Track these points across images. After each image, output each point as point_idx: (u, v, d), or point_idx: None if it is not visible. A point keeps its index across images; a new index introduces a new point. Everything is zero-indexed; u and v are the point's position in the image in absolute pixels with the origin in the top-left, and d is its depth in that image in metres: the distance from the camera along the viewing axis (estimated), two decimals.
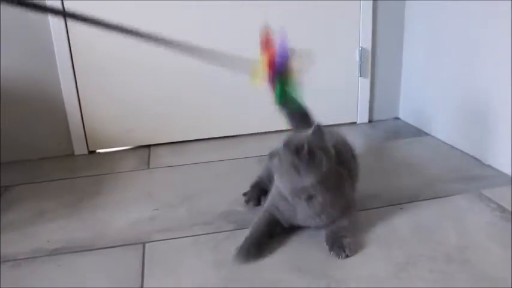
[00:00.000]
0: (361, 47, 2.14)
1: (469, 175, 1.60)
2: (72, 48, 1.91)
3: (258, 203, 1.43)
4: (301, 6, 2.04)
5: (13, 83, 1.90)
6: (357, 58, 2.15)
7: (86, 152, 2.04)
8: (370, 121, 2.26)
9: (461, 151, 1.81)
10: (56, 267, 1.20)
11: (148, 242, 1.29)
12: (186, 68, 2.01)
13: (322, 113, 2.08)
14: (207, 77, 2.04)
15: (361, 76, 2.18)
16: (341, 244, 1.16)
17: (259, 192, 1.46)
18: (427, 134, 2.04)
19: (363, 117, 2.25)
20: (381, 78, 2.22)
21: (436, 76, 1.96)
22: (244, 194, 1.47)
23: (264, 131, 2.13)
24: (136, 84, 2.01)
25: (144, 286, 1.09)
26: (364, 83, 2.20)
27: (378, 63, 2.19)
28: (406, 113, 2.25)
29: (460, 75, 1.80)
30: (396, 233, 1.27)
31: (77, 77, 1.94)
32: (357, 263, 1.13)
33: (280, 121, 1.47)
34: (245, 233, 1.26)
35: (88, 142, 2.03)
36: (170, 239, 1.30)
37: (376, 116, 2.27)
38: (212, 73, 2.03)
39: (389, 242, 1.22)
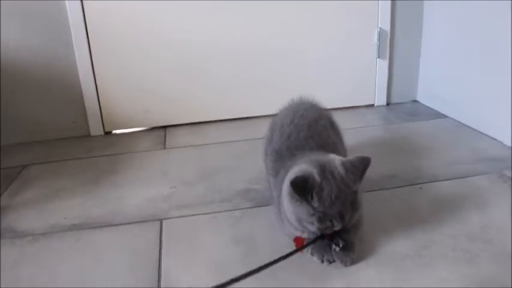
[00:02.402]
0: (380, 28, 2.10)
1: (489, 156, 1.57)
2: (88, 28, 1.90)
3: None
4: None
5: (29, 64, 1.90)
6: (375, 39, 2.12)
7: (102, 132, 2.04)
8: (388, 104, 2.23)
9: (481, 133, 1.77)
10: (74, 243, 1.20)
11: (166, 218, 1.28)
12: (204, 50, 2.00)
13: (340, 95, 2.07)
14: (225, 58, 2.03)
15: (379, 58, 2.15)
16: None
17: None
18: (446, 116, 2.01)
19: (380, 100, 2.21)
20: (399, 60, 2.18)
21: (456, 58, 1.92)
22: None
23: None
24: (153, 64, 1.99)
25: (162, 261, 1.08)
26: (382, 65, 2.17)
27: (396, 44, 2.15)
28: (424, 95, 2.21)
29: (479, 56, 1.76)
30: (417, 212, 1.24)
31: (93, 57, 1.94)
32: (377, 242, 1.11)
33: None
34: (262, 211, 1.25)
35: (104, 123, 2.03)
36: (187, 216, 1.29)
37: (394, 99, 2.24)
38: (229, 55, 2.02)
39: (410, 221, 1.19)
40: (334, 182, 0.96)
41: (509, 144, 1.63)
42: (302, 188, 0.95)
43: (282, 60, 2.08)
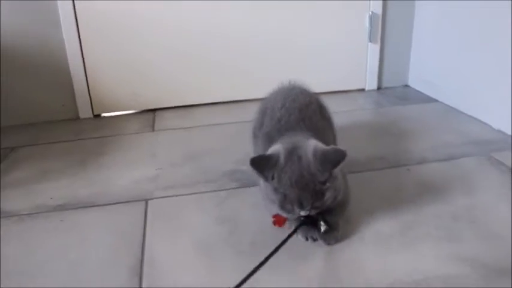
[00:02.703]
0: (372, 12, 2.09)
1: (478, 139, 1.57)
2: (76, 8, 1.88)
3: None
4: None
5: (16, 45, 1.88)
6: (367, 23, 2.11)
7: (91, 115, 2.03)
8: (379, 88, 2.23)
9: (471, 117, 1.77)
10: (59, 223, 1.19)
11: (151, 198, 1.28)
12: (193, 34, 1.99)
13: (331, 79, 2.07)
14: (214, 42, 2.02)
15: (370, 42, 2.14)
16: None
17: None
18: (436, 101, 2.01)
19: (371, 84, 2.21)
20: (390, 44, 2.17)
21: (447, 42, 1.91)
22: None
23: None
24: (143, 47, 1.98)
25: (146, 240, 1.08)
26: (374, 49, 2.16)
27: (388, 29, 2.15)
28: (415, 80, 2.20)
29: (471, 41, 1.75)
30: (403, 194, 1.25)
31: (81, 39, 1.92)
32: (363, 222, 1.11)
33: None
34: (247, 192, 1.25)
35: (93, 106, 2.02)
36: (173, 196, 1.29)
37: (385, 83, 2.23)
38: (219, 39, 2.01)
39: (396, 201, 1.20)
40: (298, 166, 0.95)
41: (497, 128, 1.63)
42: (261, 166, 0.96)
43: (271, 44, 2.07)
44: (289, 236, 0.98)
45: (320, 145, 1.01)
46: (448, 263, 0.95)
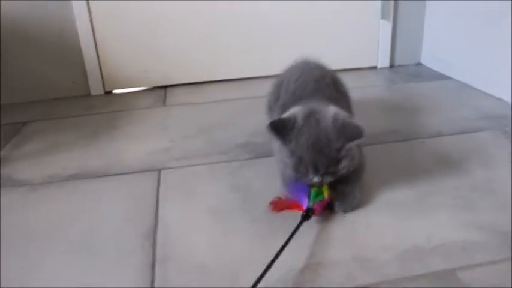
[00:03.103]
0: None
1: (493, 114, 1.55)
2: None
3: None
4: None
5: (26, 21, 1.87)
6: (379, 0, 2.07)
7: (102, 92, 2.02)
8: (391, 66, 2.20)
9: (485, 93, 1.75)
10: (72, 191, 1.19)
11: (164, 169, 1.27)
12: (204, 9, 1.97)
13: (342, 56, 2.04)
14: (225, 18, 2.00)
15: (382, 19, 2.10)
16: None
17: None
18: (450, 78, 1.98)
19: (383, 62, 2.18)
20: (403, 21, 2.14)
21: (461, 19, 1.88)
22: None
23: None
24: (154, 24, 1.97)
25: (159, 207, 1.08)
26: (386, 26, 2.13)
27: (400, 5, 2.11)
28: (428, 58, 2.18)
29: (485, 17, 1.72)
30: (418, 165, 1.23)
31: (92, 15, 1.91)
32: (378, 191, 1.10)
33: None
34: (260, 162, 1.24)
35: (104, 82, 2.01)
36: (186, 166, 1.28)
37: (398, 61, 2.21)
38: (230, 16, 1.99)
39: (411, 173, 1.18)
40: (315, 129, 0.95)
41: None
42: (279, 128, 0.96)
43: (282, 22, 2.05)
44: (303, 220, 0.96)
45: (343, 114, 1.00)
46: (466, 230, 0.94)
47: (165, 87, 2.06)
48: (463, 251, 0.88)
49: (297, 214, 0.96)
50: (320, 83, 1.19)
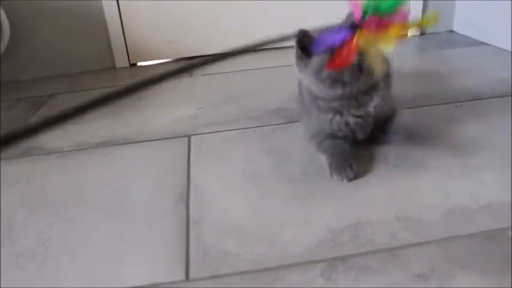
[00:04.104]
0: None
1: None
2: None
3: None
4: None
5: None
6: None
7: (127, 64, 2.00)
8: (421, 34, 2.12)
9: None
10: (102, 157, 1.17)
11: (194, 134, 1.24)
12: None
13: None
14: None
15: None
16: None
17: None
18: (485, 44, 1.90)
19: (414, 30, 2.11)
20: None
21: None
22: None
23: None
24: None
25: (191, 171, 1.05)
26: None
27: None
28: (461, 24, 2.09)
29: None
30: (457, 127, 1.17)
31: None
32: (417, 153, 1.05)
33: None
34: (295, 127, 1.20)
35: (129, 55, 1.99)
36: (216, 132, 1.25)
37: (429, 29, 2.13)
38: None
39: (450, 135, 1.13)
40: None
41: None
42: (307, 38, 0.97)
43: None
44: None
45: None
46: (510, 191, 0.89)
47: (191, 58, 2.02)
48: None
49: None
50: None
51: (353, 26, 0.87)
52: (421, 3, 2.05)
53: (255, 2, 1.97)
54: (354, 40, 0.85)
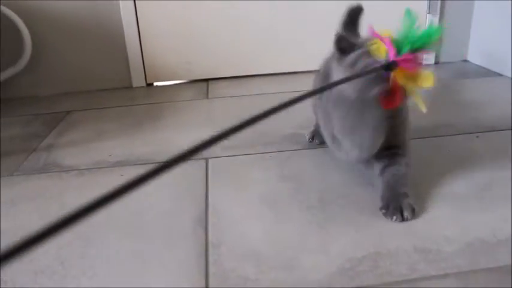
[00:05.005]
0: None
1: None
2: None
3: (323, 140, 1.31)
4: None
5: (72, 12, 1.88)
6: None
7: (144, 84, 2.02)
8: (436, 63, 2.14)
9: None
10: (119, 177, 1.18)
11: (211, 157, 1.25)
12: (248, 2, 1.95)
13: None
14: (269, 12, 1.98)
15: (429, 13, 2.05)
16: (398, 206, 0.92)
17: None
18: (499, 75, 1.91)
19: (429, 59, 2.12)
20: (450, 16, 2.08)
21: (510, 13, 1.81)
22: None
23: None
24: (198, 16, 1.95)
25: (209, 194, 1.06)
26: (433, 21, 2.07)
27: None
28: (475, 54, 2.11)
29: None
30: (475, 158, 1.18)
31: (137, 6, 1.90)
32: (435, 184, 1.05)
33: None
34: (310, 153, 1.22)
35: (146, 74, 2.01)
36: (233, 155, 1.26)
37: (444, 58, 2.15)
38: (274, 8, 1.96)
39: (468, 165, 1.13)
40: None
41: None
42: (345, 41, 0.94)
43: (326, 15, 2.01)
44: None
45: None
46: None
47: (207, 80, 2.04)
48: None
49: (360, 201, 0.92)
50: None
51: (389, 66, 0.85)
52: None
53: (270, 25, 1.99)
54: (396, 81, 0.84)
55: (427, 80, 0.86)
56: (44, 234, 0.36)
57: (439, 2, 2.03)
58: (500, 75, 1.91)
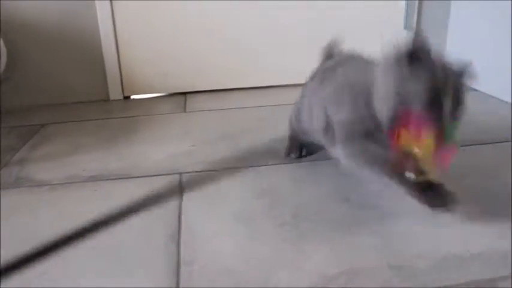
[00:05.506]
0: None
1: None
2: None
3: (300, 154, 1.30)
4: None
5: (48, 23, 1.86)
6: (403, 9, 2.05)
7: (121, 97, 2.00)
8: None
9: None
10: (92, 192, 1.16)
11: (186, 172, 1.24)
12: (227, 16, 1.96)
13: None
14: (250, 23, 1.98)
15: (406, 29, 2.07)
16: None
17: (298, 143, 1.30)
18: (474, 90, 1.93)
19: None
20: (426, 32, 2.10)
21: (485, 28, 1.84)
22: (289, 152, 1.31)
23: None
24: (176, 29, 1.95)
25: (182, 210, 1.04)
26: (409, 37, 2.09)
27: (424, 16, 2.08)
28: None
29: (509, 29, 1.69)
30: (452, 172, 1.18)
31: (115, 17, 1.90)
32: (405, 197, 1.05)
33: None
34: (286, 168, 1.21)
35: (124, 87, 1.99)
36: (208, 170, 1.25)
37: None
38: (253, 22, 1.97)
39: (446, 180, 1.13)
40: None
41: None
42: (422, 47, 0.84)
43: (307, 29, 2.02)
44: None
45: None
46: (505, 238, 0.89)
47: (185, 93, 2.03)
48: (505, 259, 0.83)
49: (335, 217, 0.92)
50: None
51: None
52: None
53: (249, 39, 2.00)
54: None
55: (426, 148, 0.84)
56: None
57: (415, 19, 2.06)
58: (475, 90, 1.93)
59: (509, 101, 1.74)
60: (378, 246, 0.89)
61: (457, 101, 0.86)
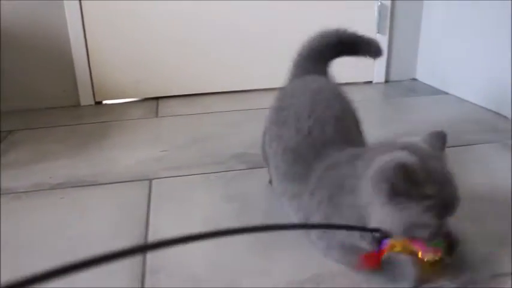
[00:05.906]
0: (380, 2, 2.05)
1: (492, 128, 1.52)
2: None
3: None
4: None
5: (17, 27, 1.82)
6: (376, 14, 2.06)
7: (93, 102, 1.97)
8: (386, 81, 2.18)
9: (483, 107, 1.72)
10: (59, 200, 1.14)
11: (155, 178, 1.22)
12: (197, 21, 1.95)
13: (337, 70, 2.01)
14: (218, 31, 1.98)
15: (378, 33, 2.09)
16: None
17: None
18: (446, 93, 1.96)
19: (379, 77, 2.16)
20: (399, 36, 2.13)
21: (457, 34, 1.87)
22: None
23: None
24: (147, 34, 1.93)
25: (150, 217, 1.03)
26: (382, 41, 2.10)
27: (396, 20, 2.10)
28: (423, 73, 2.16)
29: (482, 30, 1.71)
30: None
31: (85, 23, 1.87)
32: None
33: None
34: (257, 173, 1.20)
35: (95, 92, 1.97)
36: (178, 176, 1.23)
37: (393, 76, 2.19)
38: (223, 27, 1.96)
39: None
40: (434, 160, 0.76)
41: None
42: (412, 176, 0.71)
43: (277, 34, 2.02)
44: None
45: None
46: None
47: (157, 98, 2.01)
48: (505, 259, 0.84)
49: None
50: (342, 122, 0.97)
51: None
52: (385, 50, 2.10)
53: (221, 44, 1.99)
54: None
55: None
56: None
57: (388, 22, 2.08)
58: (446, 93, 1.96)
59: (482, 104, 1.76)
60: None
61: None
